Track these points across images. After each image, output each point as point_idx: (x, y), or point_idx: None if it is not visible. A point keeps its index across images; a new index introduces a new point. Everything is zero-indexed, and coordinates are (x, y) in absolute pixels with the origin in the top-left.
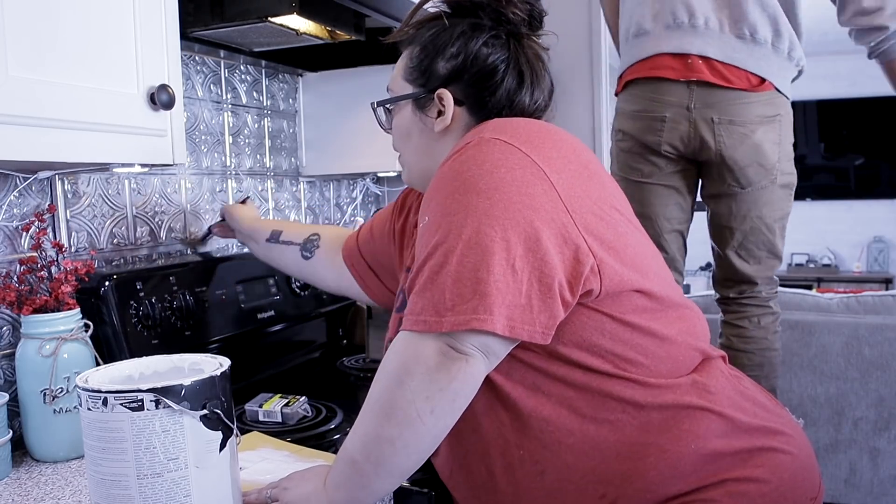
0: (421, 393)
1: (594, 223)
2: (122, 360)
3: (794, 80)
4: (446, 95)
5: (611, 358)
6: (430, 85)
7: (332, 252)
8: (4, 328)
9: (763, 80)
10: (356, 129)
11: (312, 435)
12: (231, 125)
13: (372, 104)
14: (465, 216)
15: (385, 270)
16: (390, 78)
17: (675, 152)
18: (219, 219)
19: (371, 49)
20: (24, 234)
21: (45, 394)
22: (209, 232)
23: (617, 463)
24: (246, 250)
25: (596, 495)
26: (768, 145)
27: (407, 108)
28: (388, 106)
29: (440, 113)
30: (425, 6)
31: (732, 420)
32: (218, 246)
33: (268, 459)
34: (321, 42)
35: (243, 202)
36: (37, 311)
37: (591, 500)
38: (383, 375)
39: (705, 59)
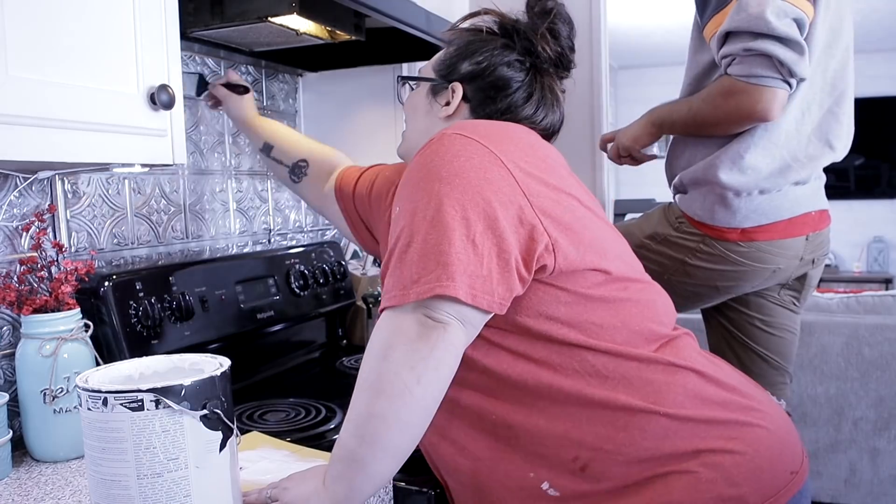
0: (405, 364)
1: (550, 206)
2: (122, 360)
3: None
4: (458, 88)
5: (569, 326)
6: (449, 77)
7: (320, 182)
8: (4, 328)
9: None
10: (356, 129)
11: (312, 435)
12: (231, 125)
13: (398, 77)
14: (427, 200)
15: (376, 231)
16: (426, 64)
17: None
18: (218, 81)
19: (371, 49)
20: (24, 234)
21: (45, 394)
22: (203, 86)
23: (588, 426)
24: (246, 250)
25: (569, 458)
26: None
27: (424, 90)
28: (411, 84)
29: (448, 102)
30: (477, 18)
31: (702, 391)
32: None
33: (268, 459)
34: (321, 42)
35: (240, 91)
36: (37, 311)
37: (565, 462)
38: (368, 355)
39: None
